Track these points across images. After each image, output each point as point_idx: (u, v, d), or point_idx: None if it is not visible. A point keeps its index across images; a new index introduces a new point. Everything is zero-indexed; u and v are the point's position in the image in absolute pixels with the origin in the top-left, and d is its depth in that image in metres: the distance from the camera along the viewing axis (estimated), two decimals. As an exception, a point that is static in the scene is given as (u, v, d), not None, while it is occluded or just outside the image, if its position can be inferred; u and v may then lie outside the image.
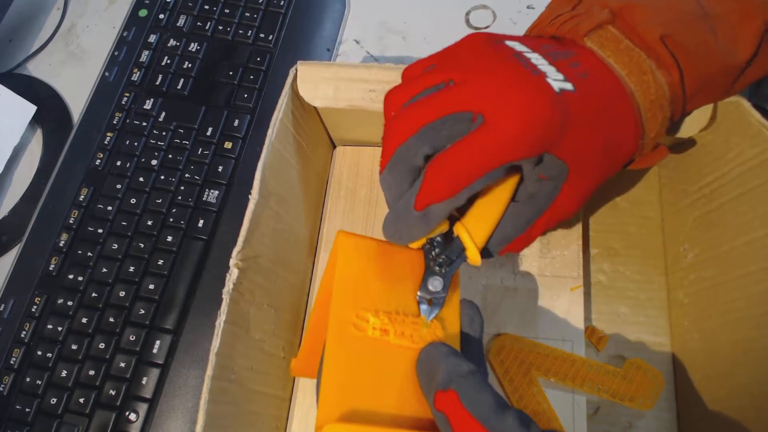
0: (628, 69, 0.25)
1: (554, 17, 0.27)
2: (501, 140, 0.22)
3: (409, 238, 0.25)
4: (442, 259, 0.26)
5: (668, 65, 0.25)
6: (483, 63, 0.25)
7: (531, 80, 0.23)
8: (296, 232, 0.37)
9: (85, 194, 0.43)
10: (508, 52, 0.25)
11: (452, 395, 0.21)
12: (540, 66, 0.24)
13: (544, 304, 0.36)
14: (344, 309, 0.25)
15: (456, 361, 0.23)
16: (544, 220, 0.26)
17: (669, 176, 0.39)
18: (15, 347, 0.39)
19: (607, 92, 0.24)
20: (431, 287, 0.26)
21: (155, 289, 0.39)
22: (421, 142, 0.24)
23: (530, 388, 0.34)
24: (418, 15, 0.50)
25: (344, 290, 0.26)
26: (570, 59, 0.25)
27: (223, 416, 0.28)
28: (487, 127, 0.23)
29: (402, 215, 0.25)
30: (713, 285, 0.33)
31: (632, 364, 0.35)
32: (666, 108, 0.25)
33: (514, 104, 0.22)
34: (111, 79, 0.48)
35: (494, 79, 0.23)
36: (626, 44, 0.25)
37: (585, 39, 0.26)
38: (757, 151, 0.29)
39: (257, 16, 0.48)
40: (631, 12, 0.25)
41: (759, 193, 0.29)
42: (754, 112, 0.29)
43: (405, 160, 0.24)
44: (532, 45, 0.26)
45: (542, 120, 0.22)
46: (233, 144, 0.44)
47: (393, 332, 0.25)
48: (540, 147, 0.23)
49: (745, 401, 0.30)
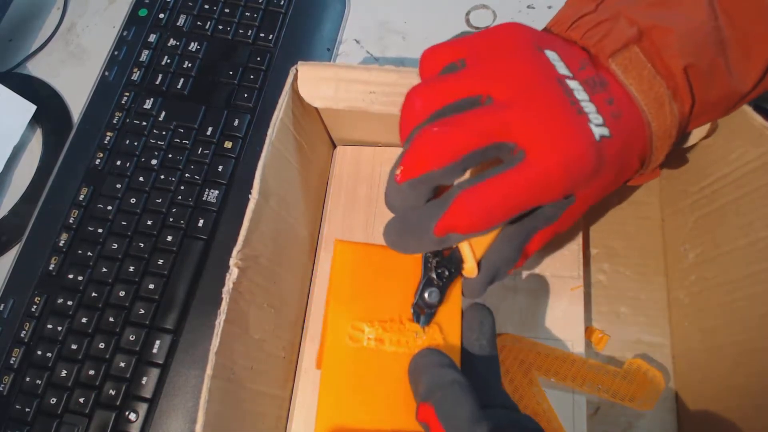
0: (648, 99, 0.24)
1: (577, 17, 0.26)
2: (539, 184, 0.22)
3: (415, 252, 0.25)
4: (441, 271, 0.26)
5: (684, 96, 0.24)
6: (526, 82, 0.23)
7: (577, 125, 0.22)
8: (296, 231, 0.37)
9: (85, 194, 0.43)
10: (551, 74, 0.23)
11: (430, 408, 0.22)
12: (582, 102, 0.23)
13: (544, 304, 0.36)
14: (340, 321, 0.26)
15: (438, 372, 0.23)
16: (539, 240, 0.26)
17: (669, 177, 0.39)
18: (15, 347, 0.39)
19: (635, 133, 0.24)
20: (428, 298, 0.26)
21: (155, 289, 0.39)
22: (458, 168, 0.23)
23: (530, 388, 0.34)
24: (418, 15, 0.50)
25: (339, 302, 0.26)
26: (605, 94, 0.24)
27: (223, 416, 0.28)
28: (527, 168, 0.22)
29: (414, 231, 0.24)
30: (714, 285, 0.33)
31: (632, 364, 0.35)
32: (674, 136, 0.25)
33: (559, 149, 0.22)
34: (111, 78, 0.48)
35: (541, 113, 0.22)
36: (649, 71, 0.24)
37: (609, 59, 0.24)
38: (759, 152, 0.29)
39: (257, 16, 0.48)
40: (660, 35, 0.24)
41: (760, 194, 0.29)
42: (756, 114, 0.29)
43: (435, 182, 0.23)
44: (570, 63, 0.24)
45: (583, 170, 0.22)
46: (233, 144, 0.44)
47: (388, 341, 0.26)
48: (570, 191, 0.23)
49: (745, 401, 0.30)
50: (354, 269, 0.27)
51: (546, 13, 0.48)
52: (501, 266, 0.26)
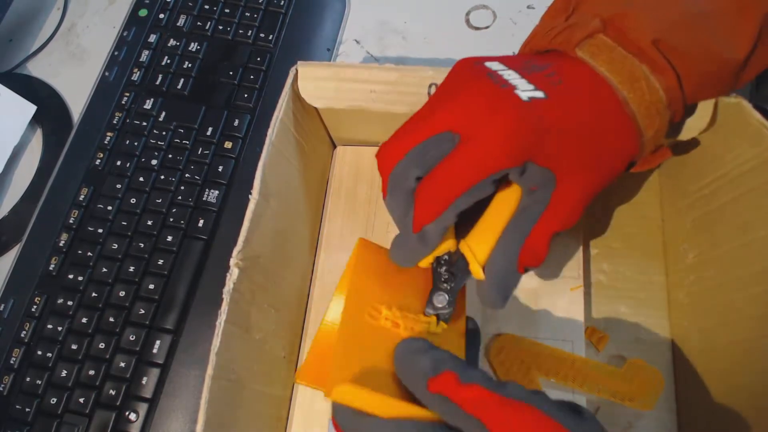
0: (620, 77, 0.25)
1: (547, 30, 0.27)
2: (476, 155, 0.23)
3: (413, 260, 0.27)
4: (448, 276, 0.28)
5: (663, 69, 0.25)
6: (458, 85, 0.26)
7: (497, 93, 0.24)
8: (296, 231, 0.37)
9: (85, 194, 0.43)
10: (482, 72, 0.25)
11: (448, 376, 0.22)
12: (511, 80, 0.24)
13: (544, 304, 0.36)
14: (360, 299, 0.27)
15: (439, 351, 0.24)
16: (542, 229, 0.26)
17: (669, 176, 0.39)
18: (15, 347, 0.39)
19: (586, 96, 0.25)
20: (437, 303, 0.28)
21: (155, 289, 0.39)
22: (409, 166, 0.25)
23: (530, 388, 0.34)
24: (418, 15, 0.50)
25: (360, 284, 0.28)
26: (546, 70, 0.25)
27: (223, 416, 0.28)
28: (463, 145, 0.24)
29: (404, 240, 0.26)
30: (713, 285, 0.33)
31: (632, 364, 0.35)
32: (663, 111, 0.25)
33: (485, 118, 0.23)
34: (111, 78, 0.48)
35: (464, 98, 0.24)
36: (618, 52, 0.25)
37: (576, 50, 0.25)
38: (758, 151, 0.29)
39: (257, 16, 0.48)
40: (621, 19, 0.25)
41: (759, 193, 0.29)
42: (755, 113, 0.29)
43: (399, 185, 0.25)
44: (510, 63, 0.26)
45: (511, 129, 0.23)
46: (233, 144, 0.44)
47: (403, 326, 0.27)
48: (518, 156, 0.24)
49: (745, 401, 0.30)
50: (374, 263, 0.29)
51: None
52: (505, 264, 0.26)
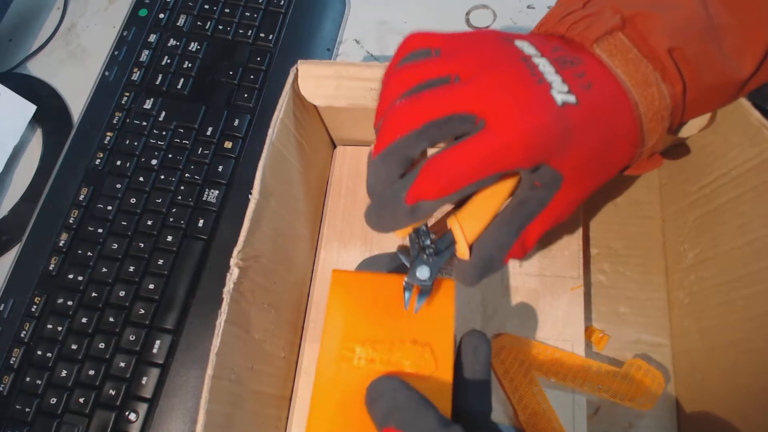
0: (635, 80, 0.24)
1: (564, 14, 0.27)
2: (499, 149, 0.23)
3: (393, 228, 0.25)
4: (432, 249, 0.26)
5: (672, 78, 0.25)
6: (491, 63, 0.24)
7: (535, 92, 0.23)
8: (297, 231, 0.37)
9: (85, 194, 0.43)
10: (516, 55, 0.24)
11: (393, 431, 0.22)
12: (546, 74, 0.24)
13: (544, 304, 0.36)
14: (332, 342, 0.27)
15: (392, 394, 0.24)
16: (537, 226, 0.26)
17: (669, 176, 0.39)
18: (15, 347, 0.39)
19: (610, 104, 0.24)
20: (419, 275, 0.26)
21: (155, 289, 0.39)
22: (422, 138, 0.24)
23: (530, 388, 0.34)
24: (419, 15, 0.50)
25: (333, 326, 0.27)
26: (576, 68, 0.24)
27: (223, 416, 0.28)
28: (486, 134, 0.23)
29: (388, 205, 0.25)
30: (713, 285, 0.33)
31: (632, 364, 0.35)
32: (666, 119, 0.25)
33: (516, 115, 0.22)
34: (111, 78, 0.48)
35: (500, 84, 0.23)
36: (634, 54, 0.25)
37: (594, 45, 0.25)
38: (757, 150, 0.29)
39: (257, 16, 0.48)
40: (643, 21, 0.25)
41: (759, 192, 0.29)
42: (754, 112, 0.29)
43: (402, 152, 0.24)
44: (541, 47, 0.25)
45: (542, 133, 0.22)
46: (233, 144, 0.44)
47: (379, 360, 0.26)
48: (537, 158, 0.23)
49: (745, 401, 0.30)
50: (349, 295, 0.28)
51: (546, 13, 0.48)
52: (494, 252, 0.26)
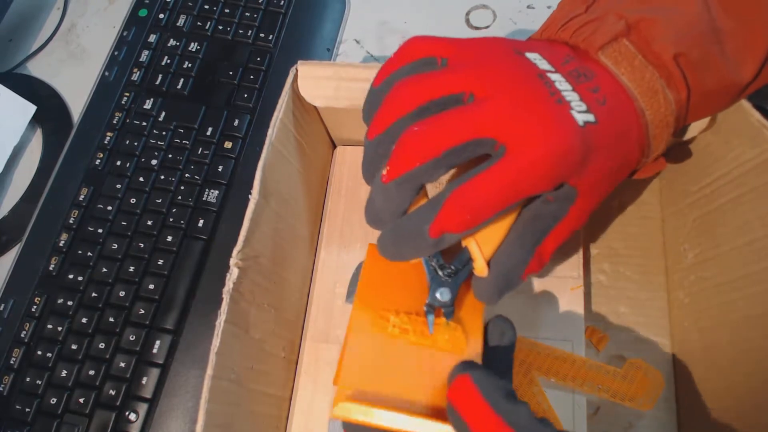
0: (641, 89, 0.24)
1: (567, 20, 0.26)
2: (525, 177, 0.22)
3: (412, 258, 0.25)
4: (450, 270, 0.26)
5: (678, 84, 0.24)
6: (506, 80, 0.23)
7: (557, 113, 0.22)
8: (296, 231, 0.37)
9: (85, 194, 0.43)
10: (532, 71, 0.24)
11: (464, 379, 0.22)
12: (564, 93, 0.23)
13: (544, 304, 0.36)
14: (366, 307, 0.27)
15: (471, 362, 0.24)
16: (553, 240, 0.26)
17: (669, 176, 0.39)
18: (15, 347, 0.39)
19: (624, 118, 0.24)
20: (440, 297, 0.26)
21: (155, 289, 0.39)
22: (440, 165, 0.23)
23: (530, 388, 0.34)
24: (418, 15, 0.50)
25: (368, 292, 0.28)
26: (590, 83, 0.24)
27: (223, 416, 0.28)
28: (511, 161, 0.22)
29: (409, 238, 0.24)
30: (713, 285, 0.33)
31: (632, 364, 0.35)
32: (671, 125, 0.25)
33: (540, 140, 0.22)
34: (111, 78, 0.48)
35: (519, 107, 0.23)
36: (640, 61, 0.24)
37: (600, 53, 0.25)
38: (758, 151, 0.29)
39: (257, 16, 0.48)
40: (648, 27, 0.24)
41: (759, 193, 0.29)
42: (755, 113, 0.29)
43: (420, 180, 0.24)
44: (553, 60, 0.25)
45: (567, 157, 0.22)
46: (233, 144, 0.44)
47: (413, 331, 0.26)
48: (559, 181, 0.23)
49: (745, 401, 0.30)
50: (382, 268, 0.28)
51: (546, 13, 0.48)
52: (511, 268, 0.25)
